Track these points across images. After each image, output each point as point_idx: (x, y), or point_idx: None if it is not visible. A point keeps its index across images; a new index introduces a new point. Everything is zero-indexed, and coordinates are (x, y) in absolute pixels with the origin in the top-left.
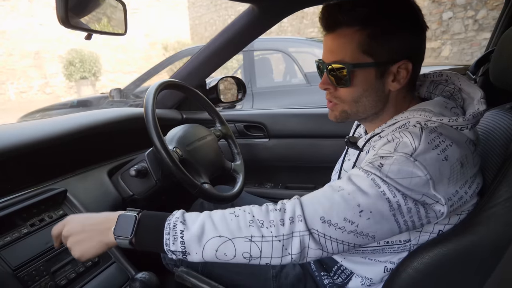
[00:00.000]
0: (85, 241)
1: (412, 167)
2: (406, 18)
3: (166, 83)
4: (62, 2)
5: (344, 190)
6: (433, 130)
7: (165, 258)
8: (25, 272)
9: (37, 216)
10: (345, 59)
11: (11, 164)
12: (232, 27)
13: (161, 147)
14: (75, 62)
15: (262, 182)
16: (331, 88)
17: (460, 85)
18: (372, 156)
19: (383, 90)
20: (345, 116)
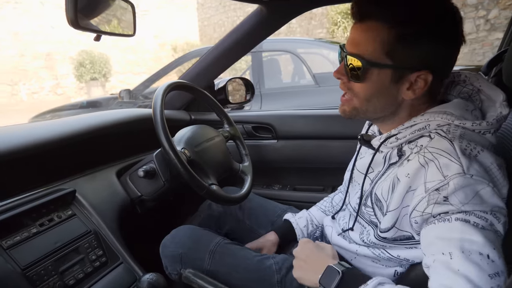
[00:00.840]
0: (302, 270)
1: (473, 184)
2: (443, 27)
3: (175, 84)
4: (71, 3)
5: (453, 256)
6: (461, 138)
7: (167, 268)
8: (34, 272)
9: (46, 216)
10: (365, 54)
11: (21, 164)
12: (240, 28)
13: (169, 148)
14: (86, 63)
15: (270, 184)
16: (344, 79)
17: (479, 86)
18: (423, 192)
19: (396, 96)
20: (354, 114)
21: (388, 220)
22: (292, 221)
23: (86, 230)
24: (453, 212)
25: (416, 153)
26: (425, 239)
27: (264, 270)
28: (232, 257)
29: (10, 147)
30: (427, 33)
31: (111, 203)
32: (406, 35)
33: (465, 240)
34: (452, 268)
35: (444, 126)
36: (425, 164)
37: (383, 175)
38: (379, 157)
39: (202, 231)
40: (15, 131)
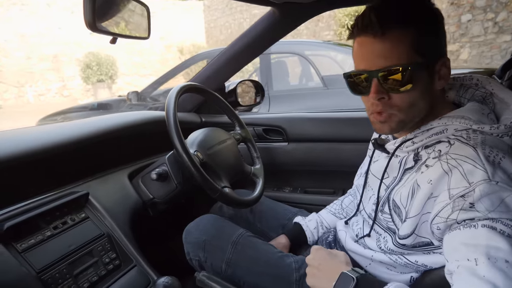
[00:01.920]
0: (316, 278)
1: (498, 191)
2: (439, 15)
3: (187, 86)
4: (89, 7)
5: (479, 262)
6: (483, 144)
7: (189, 253)
8: (49, 275)
9: (60, 218)
10: (402, 61)
11: (35, 167)
12: (252, 31)
13: (182, 151)
14: (92, 65)
15: (281, 186)
16: (386, 97)
17: (492, 89)
18: (447, 199)
19: (432, 90)
20: (401, 126)
21: (407, 227)
22: (302, 223)
23: (100, 233)
24: (479, 219)
25: (436, 158)
26: (449, 245)
27: (284, 267)
28: (254, 249)
29: (24, 150)
30: (436, 21)
31: (124, 205)
32: (426, 30)
33: (491, 247)
34: (478, 274)
35: (462, 131)
36: (448, 171)
37: (400, 181)
38: (395, 162)
39: (225, 221)
40: (29, 134)
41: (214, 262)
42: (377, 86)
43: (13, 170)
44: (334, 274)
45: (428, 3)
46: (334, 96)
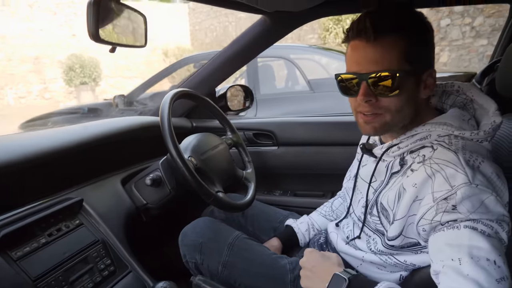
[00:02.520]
0: (310, 279)
1: (478, 194)
2: (430, 28)
3: (181, 92)
4: (93, 18)
5: (463, 261)
6: (463, 149)
7: (186, 256)
8: (45, 283)
9: (54, 225)
10: (392, 67)
11: (29, 174)
12: (243, 38)
13: (177, 157)
14: (75, 67)
15: (271, 190)
16: (373, 100)
17: (472, 96)
18: (431, 202)
19: (417, 98)
20: (386, 129)
21: (395, 229)
22: (293, 226)
23: (94, 239)
24: (461, 220)
25: (420, 163)
26: (434, 246)
27: (279, 268)
28: (249, 251)
29: (19, 156)
30: (426, 34)
31: (117, 211)
32: (416, 39)
33: (473, 247)
34: (462, 273)
35: (445, 137)
36: (432, 175)
37: (386, 184)
38: (382, 166)
39: (221, 224)
40: (23, 140)
41: (210, 264)
42: (365, 89)
43: (7, 177)
44: (327, 275)
45: (421, 16)
46: (320, 100)
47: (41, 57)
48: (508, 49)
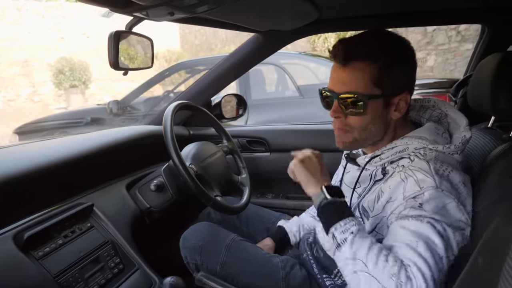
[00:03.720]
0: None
1: (442, 197)
2: (406, 55)
3: (182, 104)
4: (114, 50)
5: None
6: (435, 160)
7: (187, 258)
8: (64, 279)
9: (69, 228)
10: (359, 90)
11: (46, 181)
12: (238, 53)
13: (180, 165)
14: (65, 70)
15: (264, 193)
16: (342, 116)
17: (446, 111)
18: (402, 200)
19: (387, 118)
20: (355, 144)
21: (369, 225)
22: (285, 227)
23: (104, 240)
24: (425, 216)
25: (399, 172)
26: (395, 229)
27: (272, 266)
28: (244, 252)
29: (37, 165)
30: (399, 61)
31: (124, 214)
32: (385, 66)
33: (430, 240)
34: (417, 251)
35: (420, 149)
36: (405, 179)
37: (369, 190)
38: (366, 174)
39: (218, 228)
40: (38, 149)
41: (209, 264)
42: (336, 106)
43: (26, 184)
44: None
45: (395, 43)
46: (310, 105)
47: (29, 60)
48: (478, 67)
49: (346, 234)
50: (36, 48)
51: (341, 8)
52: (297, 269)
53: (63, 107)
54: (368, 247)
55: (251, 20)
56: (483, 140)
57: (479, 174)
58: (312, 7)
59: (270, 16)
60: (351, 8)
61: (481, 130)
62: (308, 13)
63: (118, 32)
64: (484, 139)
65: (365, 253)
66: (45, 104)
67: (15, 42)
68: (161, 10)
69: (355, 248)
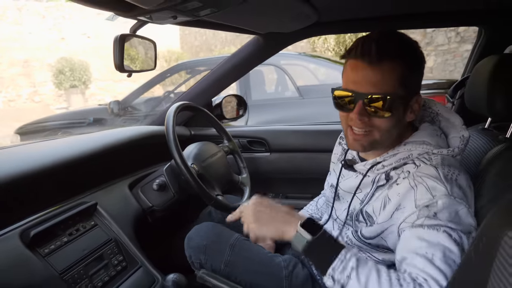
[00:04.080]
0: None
1: (455, 204)
2: (422, 56)
3: (184, 105)
4: (119, 53)
5: (435, 256)
6: (442, 165)
7: (191, 257)
8: (69, 276)
9: (73, 226)
10: (388, 90)
11: (51, 180)
12: (239, 54)
13: (182, 165)
14: (65, 70)
15: (264, 193)
16: (366, 118)
17: (437, 110)
18: (414, 208)
19: (403, 120)
20: (373, 146)
21: (374, 230)
22: None
23: (108, 238)
24: (441, 226)
25: (405, 178)
26: (408, 239)
27: (275, 265)
28: (248, 251)
29: (42, 164)
30: (420, 62)
31: (127, 213)
32: (412, 66)
33: (447, 248)
34: (434, 263)
35: (423, 154)
36: (414, 186)
37: (372, 196)
38: (367, 180)
39: (222, 227)
40: (43, 149)
41: (214, 263)
42: (361, 107)
43: (33, 183)
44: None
45: (416, 45)
46: (309, 106)
47: (30, 60)
48: (474, 69)
49: (347, 271)
50: (37, 48)
51: (340, 11)
52: (300, 268)
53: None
54: (377, 275)
55: (251, 23)
56: (480, 141)
57: (476, 174)
58: (312, 10)
59: (270, 18)
60: (349, 11)
61: (478, 131)
62: (308, 15)
63: (123, 35)
64: (481, 140)
65: (375, 282)
66: (45, 104)
67: (16, 42)
68: (165, 13)
69: (363, 282)
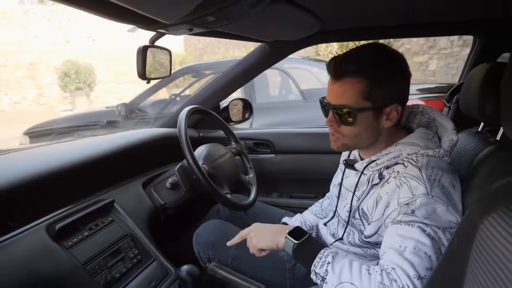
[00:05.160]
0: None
1: (433, 203)
2: (396, 69)
3: (194, 109)
4: (142, 62)
5: (406, 249)
6: (426, 166)
7: (200, 253)
8: (91, 267)
9: (92, 221)
10: (349, 103)
11: (72, 179)
12: (246, 61)
13: (194, 165)
14: (71, 73)
15: (270, 192)
16: (335, 125)
17: (434, 116)
18: (396, 206)
19: (378, 127)
20: (346, 148)
21: (372, 228)
22: (289, 223)
23: (124, 233)
24: (416, 222)
25: (394, 177)
26: (388, 234)
27: (278, 259)
28: None
29: (63, 164)
30: (388, 77)
31: (141, 210)
32: (374, 82)
33: (419, 242)
34: (403, 255)
35: (413, 155)
36: (400, 185)
37: (367, 194)
38: (364, 179)
39: (228, 224)
40: (63, 150)
41: (221, 258)
42: (330, 116)
43: (57, 181)
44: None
45: (389, 61)
46: (313, 109)
47: (35, 63)
48: (469, 75)
49: (325, 266)
50: (42, 51)
51: (342, 21)
52: None
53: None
54: (349, 267)
55: (259, 32)
56: (472, 143)
57: (467, 174)
58: (315, 20)
59: (276, 28)
60: (351, 21)
61: (471, 134)
62: (311, 25)
63: (146, 46)
64: (473, 142)
65: (348, 273)
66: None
67: (22, 45)
68: (182, 26)
69: (337, 273)
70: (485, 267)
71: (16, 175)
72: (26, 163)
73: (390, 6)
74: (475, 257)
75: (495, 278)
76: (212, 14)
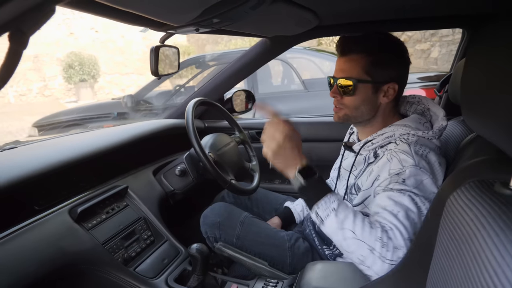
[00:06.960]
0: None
1: (421, 174)
2: (397, 53)
3: (201, 101)
4: (154, 61)
5: (399, 213)
6: (415, 143)
7: (207, 232)
8: (109, 246)
9: (109, 206)
10: (352, 76)
11: (90, 167)
12: (248, 54)
13: (201, 153)
14: (75, 65)
15: (272, 179)
16: (338, 96)
17: (428, 105)
18: (387, 176)
19: (376, 102)
20: (346, 118)
21: (359, 198)
22: (291, 207)
23: (138, 216)
24: (406, 190)
25: (386, 154)
26: (382, 198)
27: (279, 238)
28: (256, 226)
29: (82, 153)
30: (388, 58)
31: (152, 196)
32: (376, 60)
33: (409, 209)
34: (397, 217)
35: (404, 135)
36: (390, 159)
37: (364, 171)
38: (360, 158)
39: (233, 207)
40: (80, 140)
41: (227, 237)
42: (335, 88)
43: (77, 169)
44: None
45: (393, 45)
46: (314, 98)
47: (40, 56)
48: (456, 66)
49: (328, 211)
50: (46, 43)
51: (338, 17)
52: (301, 241)
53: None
54: (353, 217)
55: (260, 29)
56: (459, 130)
57: (453, 158)
58: (313, 16)
59: (275, 25)
60: (347, 17)
61: (459, 121)
62: (309, 21)
63: (158, 46)
64: (459, 129)
65: (351, 222)
66: (55, 98)
67: None
68: (189, 27)
69: (341, 219)
70: (451, 234)
71: (40, 164)
72: (47, 153)
73: (384, 2)
74: (443, 226)
75: (457, 241)
76: (217, 16)
